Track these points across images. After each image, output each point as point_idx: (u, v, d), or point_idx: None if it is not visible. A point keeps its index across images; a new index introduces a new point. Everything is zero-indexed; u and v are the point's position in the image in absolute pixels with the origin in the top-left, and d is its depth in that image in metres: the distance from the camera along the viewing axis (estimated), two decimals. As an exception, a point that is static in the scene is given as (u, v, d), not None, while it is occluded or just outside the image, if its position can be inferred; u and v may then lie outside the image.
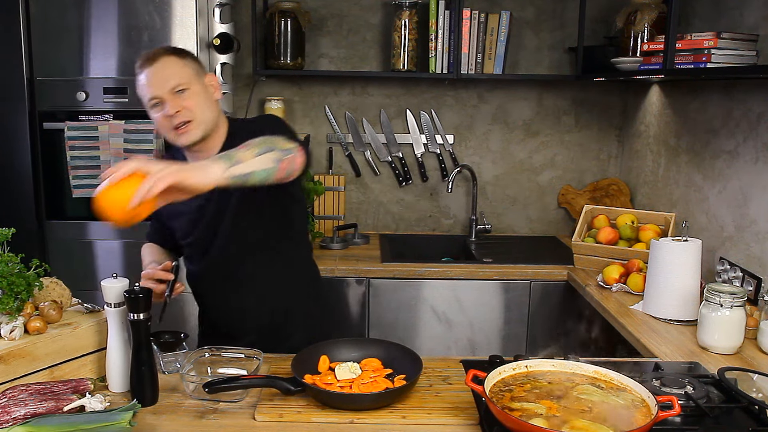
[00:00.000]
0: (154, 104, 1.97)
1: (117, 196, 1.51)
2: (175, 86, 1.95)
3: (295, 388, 1.69)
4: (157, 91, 1.95)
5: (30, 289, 1.77)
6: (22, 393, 1.59)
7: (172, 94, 1.95)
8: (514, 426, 1.46)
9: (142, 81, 1.97)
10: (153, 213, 1.90)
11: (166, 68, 1.96)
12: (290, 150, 1.77)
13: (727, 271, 2.63)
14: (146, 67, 1.96)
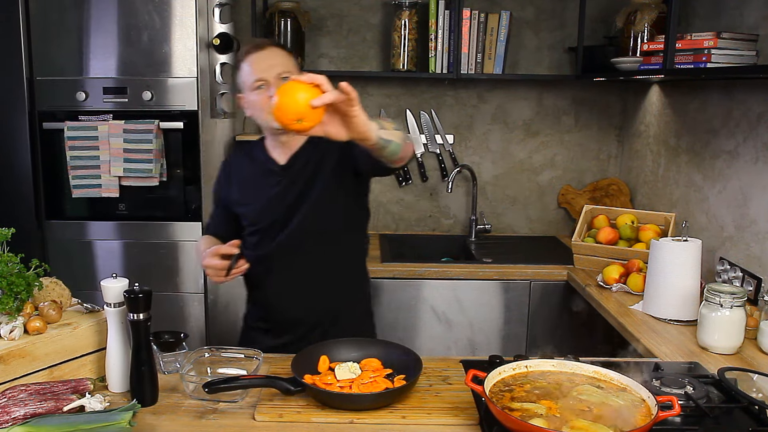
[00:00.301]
0: (258, 86, 2.08)
1: (297, 97, 1.49)
2: (281, 72, 2.06)
3: (294, 388, 1.68)
4: (264, 74, 2.07)
5: (30, 289, 1.77)
6: (22, 393, 1.59)
7: (278, 79, 2.06)
8: (514, 426, 1.45)
9: (249, 65, 2.10)
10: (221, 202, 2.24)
11: (274, 56, 2.10)
12: (409, 137, 1.93)
13: (727, 271, 2.63)
14: (254, 53, 2.10)
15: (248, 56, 2.10)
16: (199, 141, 3.08)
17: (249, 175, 2.24)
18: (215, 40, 3.14)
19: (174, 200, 3.13)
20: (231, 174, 2.28)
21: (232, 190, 2.26)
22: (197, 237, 3.12)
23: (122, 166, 3.01)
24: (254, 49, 2.10)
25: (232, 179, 2.27)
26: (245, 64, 2.10)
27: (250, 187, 2.22)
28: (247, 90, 2.12)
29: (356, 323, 2.29)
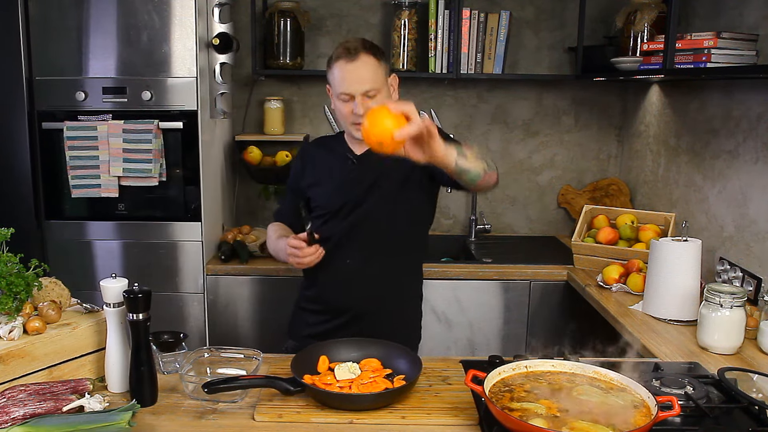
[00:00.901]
0: (344, 99, 2.15)
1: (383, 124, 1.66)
2: (368, 90, 2.12)
3: (294, 389, 1.68)
4: (350, 90, 2.13)
5: (29, 289, 1.77)
6: (21, 393, 1.58)
7: (363, 96, 2.13)
8: (513, 426, 1.45)
9: (338, 73, 2.15)
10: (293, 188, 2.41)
11: (364, 69, 2.13)
12: (493, 167, 2.08)
13: (727, 271, 2.63)
14: (346, 62, 2.12)
15: (339, 62, 2.14)
16: (199, 141, 3.07)
17: (325, 161, 2.32)
18: (215, 39, 3.13)
19: (173, 200, 3.13)
20: (306, 161, 2.36)
21: (306, 176, 2.34)
22: (197, 237, 3.13)
23: (122, 166, 3.01)
24: (345, 56, 2.12)
25: (306, 166, 2.35)
26: (336, 69, 2.15)
27: (325, 171, 2.30)
28: (333, 94, 2.19)
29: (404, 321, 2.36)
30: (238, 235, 3.35)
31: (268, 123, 3.61)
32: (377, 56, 2.16)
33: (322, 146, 2.40)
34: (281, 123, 3.63)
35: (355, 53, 2.12)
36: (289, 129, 3.77)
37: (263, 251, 3.25)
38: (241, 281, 3.18)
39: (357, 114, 2.13)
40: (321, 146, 2.40)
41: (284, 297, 3.11)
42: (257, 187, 3.77)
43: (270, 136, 3.62)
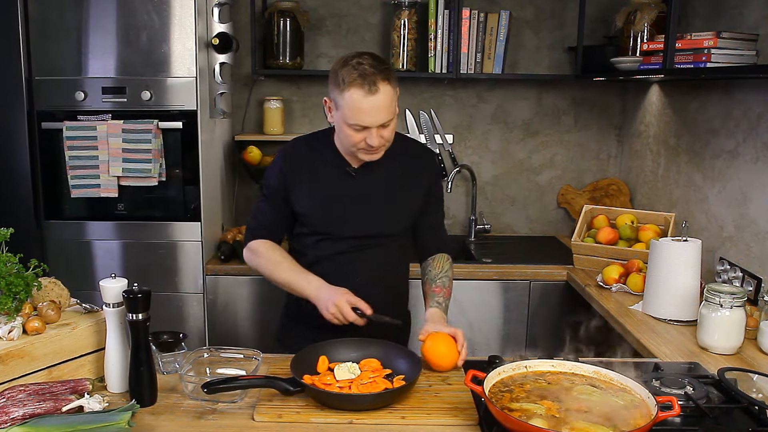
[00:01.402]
0: (357, 129, 2.04)
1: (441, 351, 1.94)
2: (385, 122, 2.04)
3: (294, 389, 1.68)
4: (368, 123, 2.02)
5: (28, 289, 1.77)
6: (21, 393, 1.58)
7: (379, 127, 2.04)
8: (513, 426, 1.45)
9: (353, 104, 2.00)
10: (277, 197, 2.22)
11: (383, 102, 2.01)
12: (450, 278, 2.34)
13: (727, 271, 2.63)
14: (364, 95, 1.99)
15: (354, 90, 1.99)
16: (198, 141, 3.07)
17: (317, 170, 2.21)
18: (214, 39, 3.13)
19: (173, 200, 3.13)
20: (294, 167, 2.21)
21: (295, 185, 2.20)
22: (196, 237, 3.12)
23: (121, 166, 3.00)
24: (364, 87, 1.98)
25: (294, 173, 2.20)
26: (349, 97, 1.99)
27: (320, 183, 2.20)
28: (340, 116, 2.05)
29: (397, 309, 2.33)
30: (237, 235, 3.35)
31: (268, 123, 3.61)
32: (392, 81, 2.03)
33: (310, 150, 2.23)
34: (281, 123, 3.63)
35: (374, 85, 1.97)
36: (289, 129, 3.76)
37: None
38: (241, 281, 3.18)
39: (370, 145, 2.05)
40: (309, 150, 2.24)
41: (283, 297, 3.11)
42: (257, 187, 3.77)
43: (269, 136, 3.61)
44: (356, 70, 1.99)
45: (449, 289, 2.27)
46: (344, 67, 2.02)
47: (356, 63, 2.01)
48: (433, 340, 1.95)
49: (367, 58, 2.03)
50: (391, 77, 2.03)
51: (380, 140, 2.05)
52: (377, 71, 1.99)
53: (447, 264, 2.33)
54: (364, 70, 1.99)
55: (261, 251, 2.22)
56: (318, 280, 2.11)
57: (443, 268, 2.31)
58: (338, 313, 2.00)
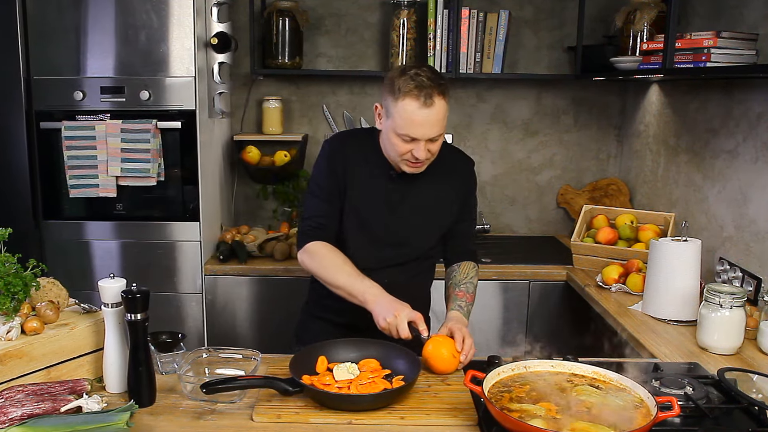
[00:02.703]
0: (406, 140, 2.02)
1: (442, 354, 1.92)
2: (433, 137, 2.03)
3: (293, 389, 1.68)
4: (419, 136, 2.00)
5: (27, 289, 1.77)
6: (19, 394, 1.58)
7: (428, 141, 2.03)
8: (513, 427, 1.45)
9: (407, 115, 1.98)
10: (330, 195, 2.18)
11: (436, 116, 1.99)
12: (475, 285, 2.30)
13: (726, 271, 2.63)
14: (420, 107, 1.97)
15: (410, 101, 1.97)
16: (197, 141, 3.07)
17: (365, 171, 2.18)
18: (213, 39, 3.12)
19: (172, 200, 3.12)
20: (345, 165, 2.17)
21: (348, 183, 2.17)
22: (195, 237, 3.12)
23: (120, 166, 3.00)
24: (421, 99, 1.96)
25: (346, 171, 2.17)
26: (403, 108, 1.98)
27: (367, 185, 2.18)
28: (390, 125, 2.04)
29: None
30: (236, 235, 3.35)
31: (267, 123, 3.60)
32: (446, 96, 2.01)
33: (354, 148, 2.21)
34: (280, 123, 3.62)
35: (429, 98, 1.96)
36: (288, 129, 3.76)
37: (261, 251, 3.25)
38: (240, 281, 3.18)
39: (416, 158, 2.03)
40: (354, 148, 2.21)
41: (282, 297, 3.12)
42: (256, 186, 3.77)
43: (268, 136, 3.61)
44: (413, 81, 1.97)
45: (472, 296, 2.25)
46: (402, 76, 2.00)
47: (414, 74, 1.99)
48: (435, 343, 1.93)
49: (425, 70, 2.01)
50: (446, 92, 2.02)
51: (426, 154, 2.04)
52: (434, 84, 1.98)
53: (473, 272, 2.30)
54: (421, 82, 1.97)
55: (321, 254, 2.15)
56: (378, 288, 2.05)
57: (468, 275, 2.28)
58: (394, 324, 1.94)
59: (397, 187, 2.18)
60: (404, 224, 2.20)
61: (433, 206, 2.22)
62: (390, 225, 2.20)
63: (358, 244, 2.21)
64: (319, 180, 2.19)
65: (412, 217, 2.20)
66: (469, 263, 2.32)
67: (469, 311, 2.20)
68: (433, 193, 2.22)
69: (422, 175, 2.17)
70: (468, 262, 2.32)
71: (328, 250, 2.14)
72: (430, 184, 2.20)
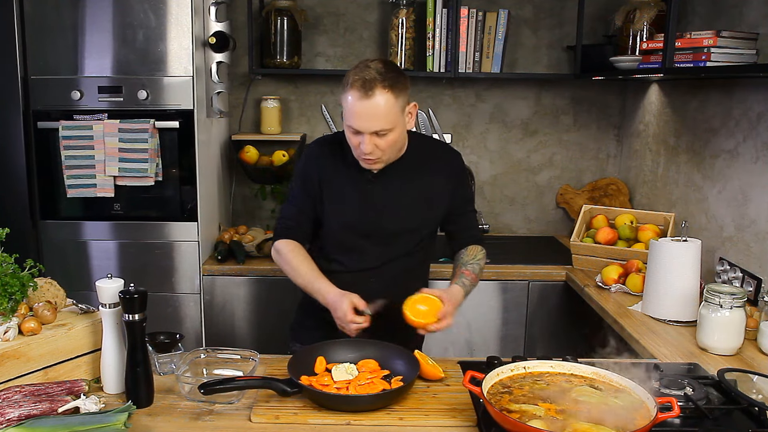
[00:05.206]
0: (353, 132, 2.04)
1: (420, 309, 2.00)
2: (378, 130, 2.00)
3: (291, 390, 1.68)
4: (360, 127, 2.00)
5: (24, 289, 1.76)
6: (16, 394, 1.58)
7: (372, 134, 2.01)
8: (512, 428, 1.44)
9: (350, 105, 2.00)
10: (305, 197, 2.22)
11: (377, 109, 1.98)
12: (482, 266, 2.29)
13: (726, 271, 2.62)
14: (359, 97, 1.97)
15: (352, 92, 1.98)
16: (195, 140, 3.06)
17: (341, 172, 2.20)
18: (211, 38, 3.12)
19: (169, 200, 3.11)
20: (320, 167, 2.21)
21: (323, 185, 2.20)
22: (193, 237, 3.11)
23: (117, 166, 2.99)
24: (360, 90, 1.96)
25: (322, 174, 2.21)
26: (348, 98, 1.99)
27: (343, 185, 2.19)
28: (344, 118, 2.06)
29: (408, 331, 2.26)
30: (234, 235, 3.34)
31: (265, 122, 3.60)
32: (394, 91, 1.99)
33: (332, 151, 2.23)
34: (278, 122, 3.62)
35: (370, 89, 1.95)
36: (286, 128, 3.75)
37: (260, 251, 3.24)
38: (238, 282, 3.17)
39: (363, 152, 2.03)
40: (332, 151, 2.23)
41: (281, 297, 3.11)
42: (254, 186, 3.76)
43: (267, 136, 3.60)
44: (360, 73, 1.99)
45: (477, 276, 2.24)
46: (354, 68, 2.02)
47: (364, 66, 2.01)
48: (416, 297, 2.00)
49: (377, 63, 2.02)
50: (395, 87, 1.99)
51: (373, 148, 2.02)
52: (380, 78, 1.97)
53: (481, 254, 2.31)
54: (367, 74, 1.97)
55: (284, 253, 2.21)
56: (329, 288, 2.08)
57: (476, 257, 2.29)
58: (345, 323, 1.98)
59: (376, 186, 2.18)
60: (387, 222, 2.19)
61: (417, 202, 2.20)
62: (372, 224, 2.19)
63: (345, 245, 2.22)
64: (294, 185, 2.28)
65: (394, 214, 2.19)
66: (476, 246, 2.33)
67: (468, 291, 2.20)
68: (417, 188, 2.20)
69: (404, 172, 2.18)
70: (476, 245, 2.33)
71: (289, 249, 2.21)
72: (413, 180, 2.19)
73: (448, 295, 2.06)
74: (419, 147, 2.23)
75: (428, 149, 2.26)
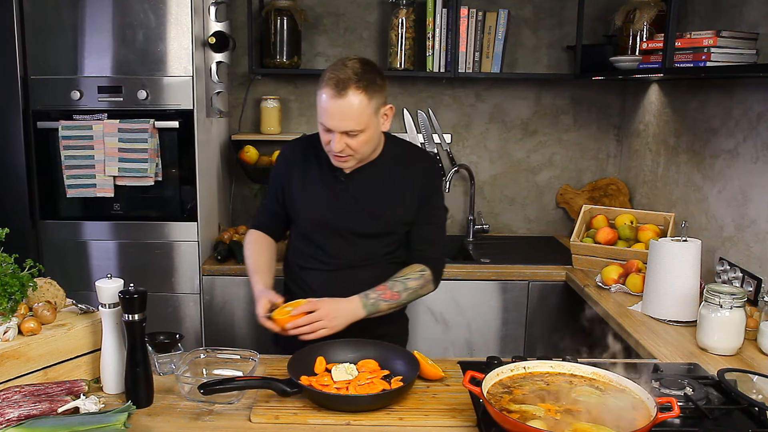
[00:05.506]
0: (324, 130, 2.05)
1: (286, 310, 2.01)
2: (349, 131, 2.00)
3: (291, 390, 1.68)
4: (331, 126, 2.01)
5: (24, 289, 1.76)
6: (16, 394, 1.58)
7: (343, 134, 2.01)
8: (512, 428, 1.44)
9: (323, 103, 2.01)
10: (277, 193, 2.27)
11: (349, 110, 1.98)
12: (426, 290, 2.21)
13: (726, 271, 2.62)
14: (332, 96, 1.98)
15: (326, 90, 1.99)
16: (195, 140, 3.06)
17: (312, 171, 2.21)
18: (211, 38, 3.12)
19: (169, 200, 3.11)
20: (292, 166, 2.24)
21: (293, 183, 2.23)
22: (192, 237, 3.11)
23: (117, 166, 2.99)
24: (333, 89, 1.97)
25: (293, 172, 2.23)
26: (322, 96, 2.00)
27: (313, 184, 2.20)
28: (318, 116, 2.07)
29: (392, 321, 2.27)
30: (234, 235, 3.34)
31: (265, 122, 3.60)
32: (368, 92, 1.98)
33: (308, 151, 2.24)
34: (278, 122, 3.62)
35: (343, 89, 1.95)
36: (286, 128, 3.75)
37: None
38: (238, 281, 3.17)
39: (333, 150, 2.04)
40: (307, 151, 2.24)
41: (281, 297, 3.10)
42: (254, 186, 3.76)
43: (266, 136, 3.60)
44: (336, 71, 1.99)
45: (396, 294, 2.12)
46: (332, 66, 2.03)
47: (341, 65, 2.02)
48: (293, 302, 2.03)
49: (355, 62, 2.02)
50: (369, 88, 1.99)
51: (343, 147, 2.02)
52: (355, 78, 1.97)
53: (415, 274, 2.18)
54: (342, 73, 1.98)
55: (246, 243, 2.31)
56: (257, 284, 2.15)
57: (407, 275, 2.17)
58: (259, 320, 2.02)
59: (344, 186, 2.17)
60: (356, 222, 2.18)
61: (388, 204, 2.18)
62: (343, 223, 2.18)
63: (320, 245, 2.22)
64: (269, 181, 2.35)
65: (363, 215, 2.18)
66: (416, 265, 2.21)
67: (375, 305, 2.08)
68: (389, 191, 2.18)
69: (377, 174, 2.17)
70: (417, 264, 2.21)
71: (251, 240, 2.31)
72: (385, 183, 2.18)
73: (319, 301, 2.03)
74: (395, 150, 2.22)
75: (404, 153, 2.24)
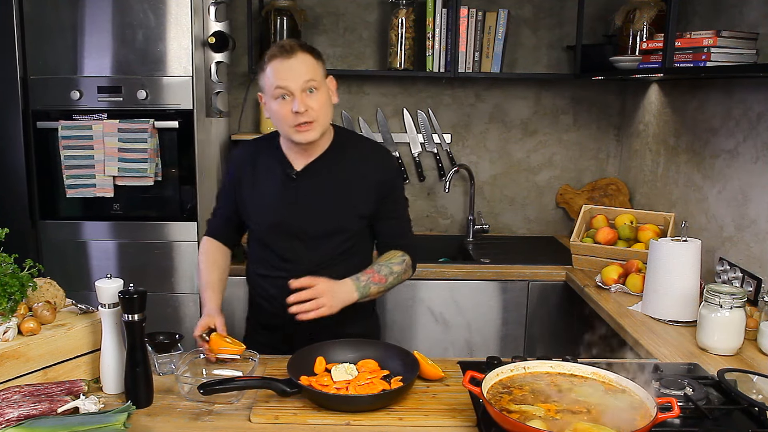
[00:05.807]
0: (280, 95, 2.02)
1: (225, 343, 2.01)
2: (308, 81, 2.01)
3: (291, 390, 1.67)
4: (289, 84, 2.00)
5: (23, 289, 1.76)
6: (16, 394, 1.58)
7: (303, 92, 2.01)
8: (512, 428, 1.44)
9: (271, 70, 2.02)
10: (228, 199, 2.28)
11: (302, 64, 2.01)
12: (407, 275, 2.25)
13: (726, 271, 2.62)
14: (281, 58, 2.01)
15: (273, 61, 2.02)
16: (195, 140, 3.06)
17: (263, 172, 2.20)
18: (211, 38, 3.12)
19: (169, 200, 3.11)
20: (242, 170, 2.23)
21: (243, 186, 2.23)
22: (192, 237, 3.11)
23: (117, 166, 2.99)
24: (280, 54, 2.01)
25: (243, 176, 2.23)
26: (269, 69, 2.03)
27: (263, 185, 2.19)
28: (268, 95, 2.06)
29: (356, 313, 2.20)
30: (234, 235, 3.34)
31: (265, 122, 3.59)
32: (314, 54, 2.05)
33: (255, 153, 2.24)
34: (278, 122, 3.61)
35: (291, 50, 2.00)
36: (286, 128, 3.75)
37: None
38: (237, 282, 3.15)
39: (297, 112, 2.00)
40: (255, 153, 2.24)
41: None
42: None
43: (267, 136, 3.60)
44: (275, 46, 2.06)
45: (383, 278, 2.13)
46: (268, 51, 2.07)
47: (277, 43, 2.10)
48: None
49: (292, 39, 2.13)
50: (314, 52, 2.07)
51: (306, 107, 2.00)
52: (297, 44, 2.05)
53: (397, 258, 2.20)
54: (283, 43, 2.05)
55: (200, 254, 2.35)
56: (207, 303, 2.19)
57: (389, 259, 2.19)
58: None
59: (296, 185, 2.15)
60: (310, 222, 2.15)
61: (341, 201, 2.16)
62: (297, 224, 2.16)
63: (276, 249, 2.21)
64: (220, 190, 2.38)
65: (316, 214, 2.15)
66: (396, 251, 2.23)
67: (367, 287, 2.09)
68: (341, 187, 2.16)
69: (328, 170, 2.15)
70: (395, 251, 2.24)
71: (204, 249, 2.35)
72: (336, 179, 2.16)
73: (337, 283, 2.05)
74: (346, 144, 2.21)
75: (356, 147, 2.22)
